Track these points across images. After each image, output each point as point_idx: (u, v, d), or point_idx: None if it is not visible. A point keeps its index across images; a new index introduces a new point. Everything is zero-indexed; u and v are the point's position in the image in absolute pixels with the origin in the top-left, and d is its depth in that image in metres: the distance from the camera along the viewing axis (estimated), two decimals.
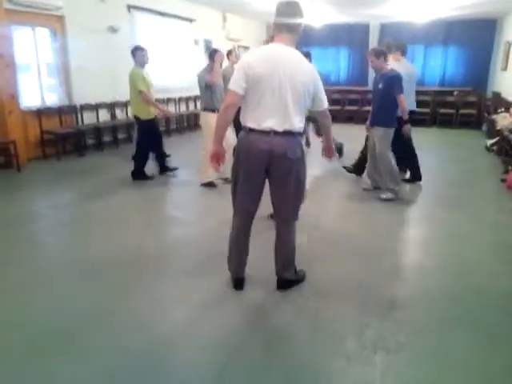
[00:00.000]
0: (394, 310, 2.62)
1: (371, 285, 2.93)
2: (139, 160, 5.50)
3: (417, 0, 8.77)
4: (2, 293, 2.83)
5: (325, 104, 2.59)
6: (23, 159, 6.03)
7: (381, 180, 4.80)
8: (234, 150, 2.60)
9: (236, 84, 2.38)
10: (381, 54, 4.51)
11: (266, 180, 2.59)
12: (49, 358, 2.19)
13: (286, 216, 2.65)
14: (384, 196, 4.71)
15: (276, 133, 2.39)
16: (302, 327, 2.45)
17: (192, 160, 6.09)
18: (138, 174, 5.49)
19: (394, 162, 4.64)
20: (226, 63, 5.79)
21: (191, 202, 4.88)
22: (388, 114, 4.56)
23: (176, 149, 7.18)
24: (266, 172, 2.51)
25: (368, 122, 4.85)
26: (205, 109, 4.98)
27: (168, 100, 9.15)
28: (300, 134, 2.51)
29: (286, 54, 2.41)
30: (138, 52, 5.23)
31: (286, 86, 2.36)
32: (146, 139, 5.41)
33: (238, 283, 2.82)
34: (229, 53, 6.22)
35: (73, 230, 3.99)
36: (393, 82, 4.46)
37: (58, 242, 3.74)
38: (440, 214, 4.42)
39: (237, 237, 2.73)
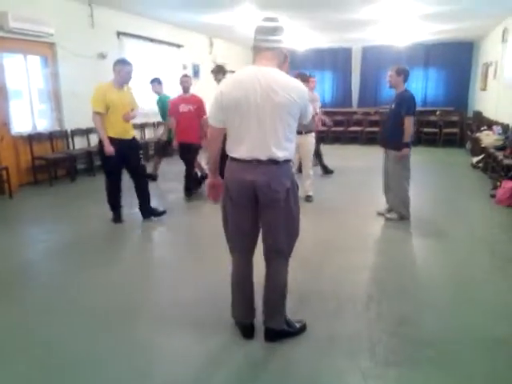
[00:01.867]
0: (404, 326, 2.65)
1: (379, 302, 2.96)
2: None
3: (396, 25, 9.11)
4: None
5: (308, 118, 2.37)
6: (15, 185, 5.96)
7: (391, 199, 4.74)
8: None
9: (212, 118, 2.27)
10: (401, 73, 4.38)
11: None
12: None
13: (276, 247, 2.35)
14: (389, 216, 4.74)
15: (259, 162, 2.18)
16: (315, 344, 2.45)
17: None
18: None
19: (408, 187, 4.58)
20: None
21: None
22: (401, 137, 4.37)
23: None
24: (255, 202, 2.28)
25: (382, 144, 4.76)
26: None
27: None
28: (287, 161, 2.26)
29: (263, 75, 2.14)
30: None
31: (264, 110, 2.12)
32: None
33: (247, 330, 2.50)
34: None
35: (65, 258, 3.87)
36: (403, 101, 4.35)
37: (51, 271, 3.62)
38: (436, 230, 4.50)
39: (237, 277, 2.47)
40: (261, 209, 2.29)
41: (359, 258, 3.75)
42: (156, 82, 6.84)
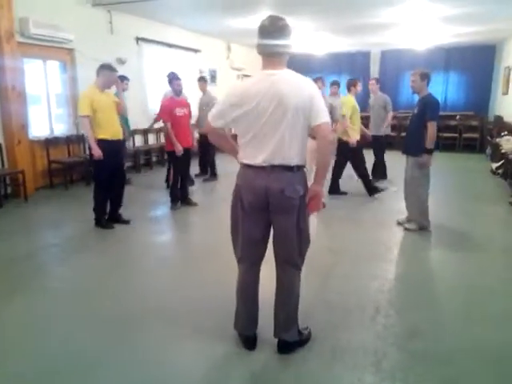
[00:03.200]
0: (412, 339, 2.57)
1: (387, 313, 2.89)
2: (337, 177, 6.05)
3: (417, 28, 8.97)
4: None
5: (319, 118, 2.12)
6: (31, 188, 6.06)
7: (409, 208, 4.62)
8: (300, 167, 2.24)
9: (214, 117, 2.24)
10: (425, 77, 4.28)
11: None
12: None
13: (290, 258, 2.31)
14: (407, 226, 4.60)
15: (273, 167, 2.15)
16: (318, 357, 2.39)
17: None
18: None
19: (427, 196, 4.43)
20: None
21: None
22: (421, 142, 4.24)
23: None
24: (268, 210, 2.24)
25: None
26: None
27: None
28: (301, 167, 2.22)
29: (273, 80, 2.11)
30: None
31: (275, 115, 2.10)
32: None
33: (249, 342, 2.45)
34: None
35: (76, 262, 3.88)
36: (427, 106, 4.24)
37: (62, 275, 3.66)
38: (453, 239, 4.39)
39: (242, 288, 2.42)
40: (273, 216, 2.26)
41: (371, 267, 3.66)
42: (126, 79, 6.67)
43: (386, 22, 8.44)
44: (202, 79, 7.32)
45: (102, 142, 4.42)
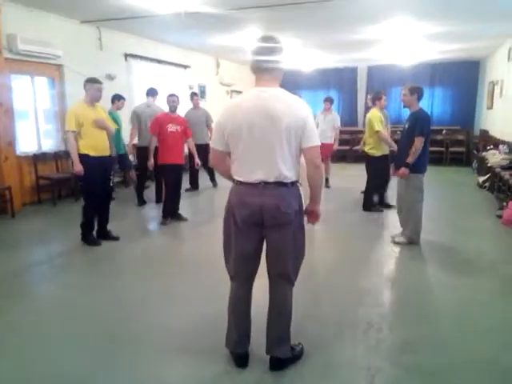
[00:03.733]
0: (405, 354, 2.56)
1: (380, 327, 2.87)
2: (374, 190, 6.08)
3: (401, 44, 9.14)
4: None
5: (310, 141, 2.15)
6: (18, 205, 5.98)
7: (402, 222, 4.63)
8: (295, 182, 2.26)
9: (215, 142, 2.28)
10: (415, 91, 4.32)
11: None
12: None
13: (283, 272, 2.28)
14: (397, 239, 4.60)
15: (266, 184, 2.15)
16: (311, 373, 2.36)
17: None
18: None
19: (421, 211, 4.44)
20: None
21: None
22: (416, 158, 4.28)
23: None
24: (261, 226, 2.23)
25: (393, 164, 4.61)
26: None
27: None
28: (294, 182, 2.22)
29: (265, 97, 2.13)
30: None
31: (267, 133, 2.10)
32: None
33: (241, 359, 2.40)
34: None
35: (63, 281, 3.81)
36: (416, 121, 4.26)
37: (47, 295, 3.58)
38: (442, 253, 4.39)
39: (234, 304, 2.39)
40: (267, 231, 2.25)
41: (363, 282, 3.65)
42: (123, 99, 6.89)
43: (372, 39, 8.60)
44: (194, 95, 7.79)
45: (85, 157, 4.37)
